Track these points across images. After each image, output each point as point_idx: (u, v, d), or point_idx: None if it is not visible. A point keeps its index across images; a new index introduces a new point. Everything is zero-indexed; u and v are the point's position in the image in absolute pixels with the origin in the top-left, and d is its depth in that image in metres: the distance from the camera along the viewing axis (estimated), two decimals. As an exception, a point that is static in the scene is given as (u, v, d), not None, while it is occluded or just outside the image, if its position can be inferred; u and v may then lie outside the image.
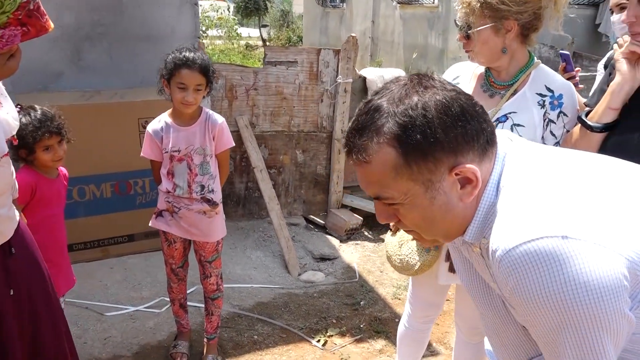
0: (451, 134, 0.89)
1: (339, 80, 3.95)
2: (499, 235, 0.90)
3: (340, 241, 3.97)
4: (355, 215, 4.13)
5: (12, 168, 1.58)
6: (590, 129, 1.55)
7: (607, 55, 2.55)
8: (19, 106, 1.84)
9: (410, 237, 1.91)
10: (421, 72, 0.98)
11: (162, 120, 2.32)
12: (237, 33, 16.07)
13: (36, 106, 2.11)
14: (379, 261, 3.73)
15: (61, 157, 2.14)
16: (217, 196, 2.39)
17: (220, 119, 2.36)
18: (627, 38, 1.67)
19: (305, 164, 4.14)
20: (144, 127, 3.23)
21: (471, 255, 1.10)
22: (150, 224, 2.42)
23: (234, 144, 2.47)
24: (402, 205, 0.94)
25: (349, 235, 4.04)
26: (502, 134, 1.02)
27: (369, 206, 4.19)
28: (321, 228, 4.17)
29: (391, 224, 2.02)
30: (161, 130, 2.29)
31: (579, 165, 1.00)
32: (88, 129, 3.11)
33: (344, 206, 4.25)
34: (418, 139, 0.88)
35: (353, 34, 3.97)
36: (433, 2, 9.92)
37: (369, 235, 4.13)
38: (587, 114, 1.58)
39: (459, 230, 0.99)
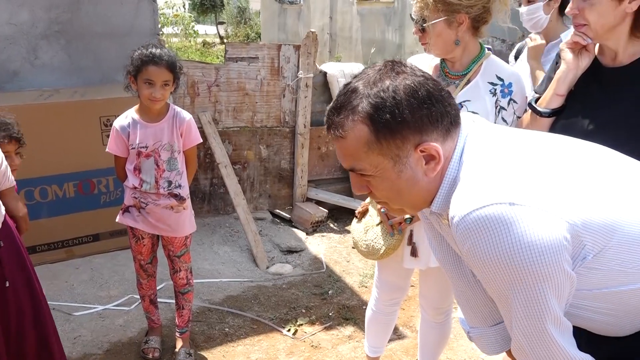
0: (417, 114, 1.00)
1: (300, 75, 4.01)
2: (455, 204, 1.01)
3: (307, 234, 4.04)
4: (320, 208, 4.20)
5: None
6: (540, 114, 1.67)
7: (517, 46, 2.73)
8: None
9: (375, 222, 2.00)
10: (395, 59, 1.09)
11: (129, 116, 2.33)
12: (194, 30, 15.86)
13: None
14: (345, 251, 3.82)
15: (16, 168, 2.05)
16: (185, 191, 2.42)
17: (187, 115, 2.38)
18: (534, 36, 1.84)
19: (270, 159, 4.19)
20: (106, 126, 3.23)
21: (442, 228, 1.20)
22: (117, 220, 2.43)
23: (202, 141, 2.50)
24: (373, 177, 1.05)
25: (315, 227, 4.11)
26: (465, 116, 1.12)
27: (333, 199, 4.28)
28: (287, 222, 4.23)
29: (356, 211, 2.12)
30: (128, 126, 2.30)
31: (532, 141, 1.11)
32: (48, 129, 3.07)
33: (309, 199, 4.32)
34: (387, 118, 0.98)
35: (312, 30, 4.03)
36: (389, -2, 10.09)
37: (335, 227, 4.21)
38: (536, 101, 1.70)
39: (425, 201, 1.11)
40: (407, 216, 1.89)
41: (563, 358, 1.01)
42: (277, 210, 4.30)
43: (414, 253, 1.96)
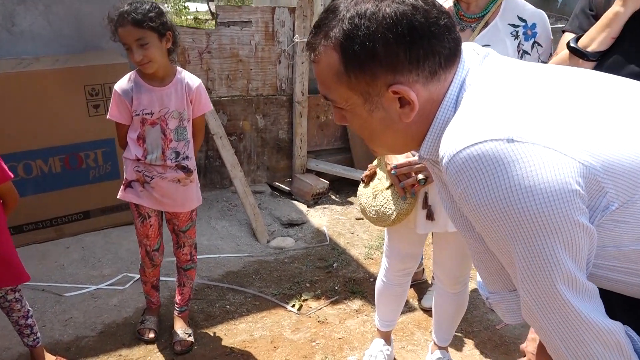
0: (392, 51, 0.85)
1: (296, 40, 3.79)
2: (445, 142, 0.85)
3: (308, 206, 3.88)
4: (321, 179, 4.03)
5: None
6: (586, 57, 1.48)
7: None
8: None
9: (385, 186, 1.83)
10: None
11: (132, 78, 2.08)
12: (184, 6, 15.47)
13: None
14: (348, 223, 3.66)
15: None
16: (192, 163, 2.22)
17: (197, 80, 2.16)
18: None
19: (267, 129, 3.99)
20: (92, 95, 3.03)
21: (442, 176, 1.04)
22: (118, 196, 2.22)
23: (212, 107, 2.31)
24: (345, 111, 0.94)
25: (316, 199, 3.94)
26: (471, 49, 0.95)
27: (334, 169, 4.10)
28: (287, 195, 4.06)
29: (363, 175, 1.94)
30: (131, 90, 2.06)
31: (548, 75, 0.93)
32: (29, 99, 2.87)
33: (309, 171, 4.14)
34: (356, 50, 0.85)
35: (308, -10, 3.80)
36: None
37: (337, 199, 4.04)
38: (576, 41, 1.51)
39: (406, 145, 0.98)
40: (421, 177, 1.72)
41: (582, 325, 0.83)
42: (276, 183, 4.12)
43: (430, 216, 1.79)
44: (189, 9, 16.16)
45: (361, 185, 1.97)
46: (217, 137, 3.51)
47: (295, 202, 3.92)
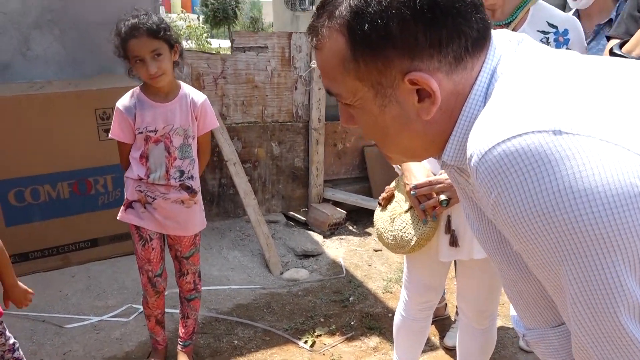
0: (409, 30, 0.70)
1: (313, 66, 3.71)
2: (474, 138, 0.68)
3: (324, 237, 3.72)
4: (338, 209, 3.88)
5: None
6: None
7: None
8: None
9: (404, 209, 1.67)
10: None
11: (134, 95, 2.01)
12: (207, 41, 15.78)
13: None
14: (366, 255, 3.48)
15: None
16: (197, 183, 2.11)
17: (202, 96, 2.08)
18: None
19: (282, 157, 3.88)
20: (102, 119, 2.96)
21: (469, 188, 0.88)
22: (118, 218, 2.11)
23: (218, 125, 2.21)
24: (353, 108, 0.79)
25: (333, 230, 3.78)
26: (499, 33, 0.80)
27: (352, 199, 3.95)
28: (302, 225, 3.91)
29: (380, 197, 1.79)
30: (134, 106, 1.98)
31: (594, 64, 0.77)
32: (39, 122, 2.81)
33: (325, 200, 4.00)
34: (366, 30, 0.71)
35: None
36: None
37: (354, 230, 3.88)
38: (621, 46, 1.36)
39: (426, 149, 0.81)
40: (443, 197, 1.56)
41: None
42: (292, 213, 3.98)
43: (453, 242, 1.62)
44: (211, 45, 16.52)
45: (378, 208, 1.82)
46: (231, 163, 3.40)
47: (311, 233, 3.77)
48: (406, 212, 1.69)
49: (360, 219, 3.99)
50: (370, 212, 4.00)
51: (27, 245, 2.94)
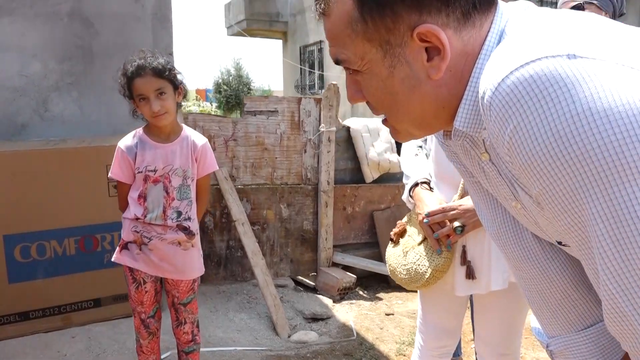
0: None
1: (322, 129, 3.79)
2: (485, 76, 0.67)
3: (334, 301, 3.60)
4: (348, 273, 3.78)
5: None
6: None
7: None
8: None
9: (417, 242, 1.63)
10: None
11: (136, 135, 2.05)
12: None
13: None
14: (377, 319, 3.34)
15: None
16: (195, 225, 2.09)
17: (203, 139, 2.12)
18: None
19: (291, 219, 3.85)
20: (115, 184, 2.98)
21: (484, 172, 0.84)
22: (113, 259, 2.09)
23: (218, 168, 2.23)
24: (361, 75, 0.77)
25: (343, 295, 3.67)
26: (505, 3, 0.81)
27: (362, 263, 3.87)
28: (311, 290, 3.80)
29: (391, 233, 1.75)
30: (135, 146, 2.02)
31: (608, 22, 0.77)
32: (50, 177, 2.83)
33: (334, 265, 3.91)
34: None
35: (334, 82, 3.87)
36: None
37: (365, 295, 3.76)
38: None
39: (437, 117, 0.78)
40: (457, 224, 1.52)
41: None
42: (300, 277, 3.89)
43: (470, 275, 1.56)
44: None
45: (390, 245, 1.77)
46: (239, 223, 3.38)
47: (320, 297, 3.65)
48: (419, 244, 1.63)
49: (371, 284, 3.89)
50: (381, 278, 3.90)
51: (28, 303, 2.86)
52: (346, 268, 3.88)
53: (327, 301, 3.58)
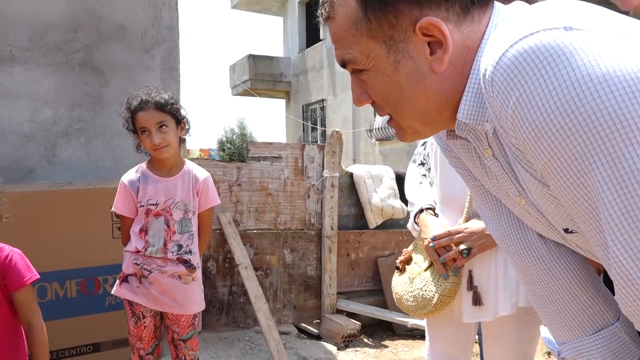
0: None
1: (326, 174, 3.83)
2: (486, 55, 0.70)
3: (338, 348, 3.51)
4: (352, 320, 3.71)
5: None
6: None
7: None
8: None
9: (423, 268, 1.62)
10: None
11: (139, 170, 2.10)
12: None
13: None
14: (383, 366, 3.25)
15: None
16: (196, 259, 2.09)
17: (205, 172, 2.16)
18: None
19: (294, 265, 3.82)
20: (117, 217, 2.99)
21: (488, 171, 0.85)
22: (112, 292, 2.08)
23: (219, 202, 2.25)
24: (367, 74, 0.80)
25: (347, 342, 3.58)
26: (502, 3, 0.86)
27: (367, 310, 3.80)
28: (314, 337, 3.71)
29: (397, 261, 1.74)
30: (138, 180, 2.06)
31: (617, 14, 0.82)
32: (54, 218, 2.85)
33: (339, 312, 3.84)
34: None
35: (337, 129, 3.95)
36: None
37: (370, 342, 3.67)
38: None
39: (441, 112, 0.80)
40: (463, 247, 1.52)
41: None
42: (304, 325, 3.81)
43: (477, 301, 1.54)
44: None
45: (396, 274, 1.75)
46: (242, 267, 3.35)
47: (324, 344, 3.56)
48: (425, 270, 1.63)
49: (376, 332, 3.80)
50: (386, 326, 3.83)
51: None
52: (351, 315, 3.81)
53: (332, 348, 3.49)
